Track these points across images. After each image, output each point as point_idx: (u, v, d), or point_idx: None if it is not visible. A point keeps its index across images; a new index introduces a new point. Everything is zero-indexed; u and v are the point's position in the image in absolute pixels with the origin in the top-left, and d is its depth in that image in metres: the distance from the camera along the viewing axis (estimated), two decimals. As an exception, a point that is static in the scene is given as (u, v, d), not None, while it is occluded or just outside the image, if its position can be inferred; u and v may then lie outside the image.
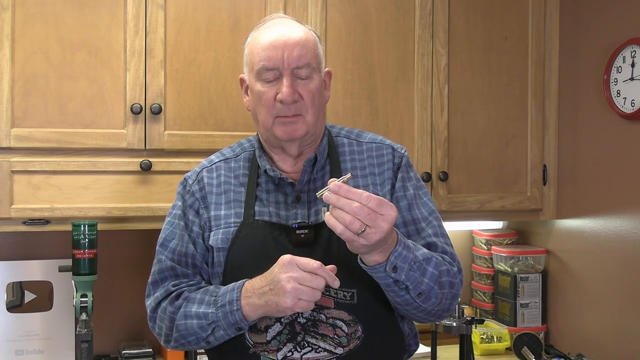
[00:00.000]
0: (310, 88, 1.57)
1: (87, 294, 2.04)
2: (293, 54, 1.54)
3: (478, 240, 2.94)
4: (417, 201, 1.63)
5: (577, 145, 2.60)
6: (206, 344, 1.54)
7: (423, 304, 1.48)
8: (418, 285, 1.45)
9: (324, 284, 1.39)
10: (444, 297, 1.52)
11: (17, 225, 2.11)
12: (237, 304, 1.46)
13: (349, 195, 1.31)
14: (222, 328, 1.49)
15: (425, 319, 1.57)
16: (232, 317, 1.47)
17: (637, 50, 2.32)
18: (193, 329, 1.52)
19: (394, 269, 1.40)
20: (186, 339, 1.54)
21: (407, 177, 1.65)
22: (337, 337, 1.52)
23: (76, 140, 2.14)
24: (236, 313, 1.46)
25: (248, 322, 1.48)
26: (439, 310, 1.54)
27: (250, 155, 1.68)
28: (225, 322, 1.48)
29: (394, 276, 1.41)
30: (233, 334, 1.50)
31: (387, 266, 1.39)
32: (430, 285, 1.47)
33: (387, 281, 1.43)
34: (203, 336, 1.52)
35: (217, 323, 1.49)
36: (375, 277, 1.44)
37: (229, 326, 1.48)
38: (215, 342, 1.53)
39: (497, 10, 2.59)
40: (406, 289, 1.44)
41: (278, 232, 1.56)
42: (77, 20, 2.14)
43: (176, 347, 1.59)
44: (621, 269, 2.40)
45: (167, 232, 1.65)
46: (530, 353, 2.53)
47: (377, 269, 1.41)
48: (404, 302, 1.48)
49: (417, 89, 2.48)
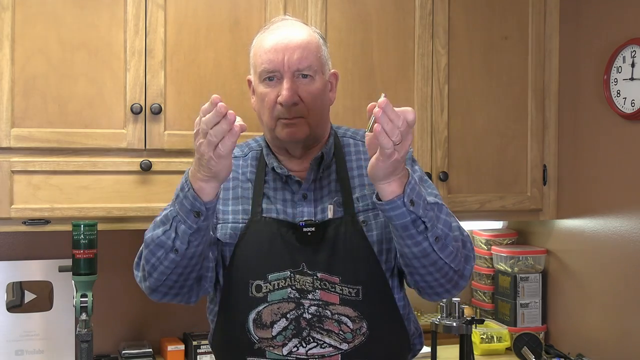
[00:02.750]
0: (311, 90, 1.58)
1: (87, 294, 2.04)
2: (294, 57, 1.56)
3: (478, 240, 2.94)
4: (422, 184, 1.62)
5: (577, 145, 2.60)
6: (175, 254, 1.46)
7: (440, 252, 1.46)
8: (434, 226, 1.44)
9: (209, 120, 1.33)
10: (459, 252, 1.50)
11: (17, 225, 2.11)
12: (187, 184, 1.41)
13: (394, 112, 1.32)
14: (182, 220, 1.43)
15: (441, 286, 1.53)
16: (187, 200, 1.41)
17: (637, 50, 2.33)
18: (158, 236, 1.47)
19: (412, 203, 1.39)
20: (155, 254, 1.48)
21: (412, 169, 1.66)
22: (342, 333, 1.53)
23: (76, 140, 2.14)
24: (189, 194, 1.41)
25: (203, 200, 1.41)
26: (454, 270, 1.50)
27: (258, 155, 1.69)
28: (183, 211, 1.42)
29: (413, 209, 1.39)
30: (194, 222, 1.42)
31: (405, 198, 1.38)
32: (445, 232, 1.46)
33: (405, 220, 1.40)
34: (169, 244, 1.45)
35: (177, 218, 1.43)
36: (394, 217, 1.40)
37: (187, 214, 1.42)
38: (183, 247, 1.45)
39: (497, 10, 2.59)
40: (425, 230, 1.42)
41: (285, 230, 1.57)
42: (77, 20, 2.14)
43: (152, 278, 1.52)
44: (621, 269, 2.40)
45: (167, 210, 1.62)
46: (530, 353, 2.53)
47: (395, 203, 1.39)
48: (421, 253, 1.45)
49: (417, 89, 2.48)
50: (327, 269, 1.54)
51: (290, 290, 1.54)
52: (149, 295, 1.59)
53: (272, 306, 1.54)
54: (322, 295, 1.53)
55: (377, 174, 1.38)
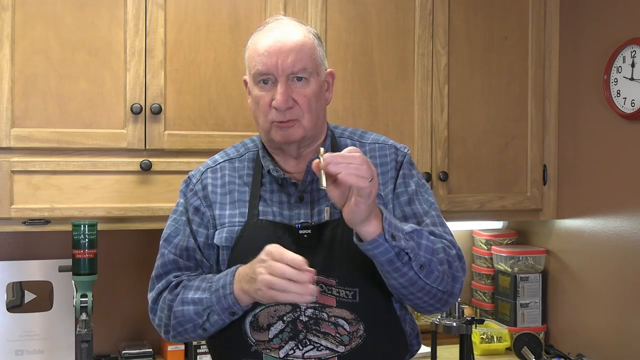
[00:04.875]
0: (306, 93, 1.57)
1: (87, 294, 2.04)
2: (287, 61, 1.55)
3: (478, 240, 2.94)
4: (418, 197, 1.64)
5: (577, 145, 2.60)
6: (203, 332, 1.55)
7: (426, 279, 1.47)
8: (417, 255, 1.45)
9: (285, 271, 1.38)
10: (445, 274, 1.51)
11: (17, 225, 2.11)
12: (230, 288, 1.48)
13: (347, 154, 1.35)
14: (216, 313, 1.50)
15: (430, 305, 1.55)
16: (225, 301, 1.49)
17: (637, 50, 2.32)
18: (189, 314, 1.53)
19: (393, 237, 1.41)
20: (183, 326, 1.55)
21: (409, 174, 1.66)
22: (339, 336, 1.53)
23: (76, 140, 2.14)
24: (229, 297, 1.48)
25: (241, 306, 1.49)
26: (442, 291, 1.52)
27: (254, 156, 1.69)
28: (219, 306, 1.50)
29: (395, 243, 1.41)
30: (227, 319, 1.51)
31: (385, 234, 1.40)
32: (428, 257, 1.47)
33: (389, 255, 1.42)
34: (199, 322, 1.53)
35: (211, 308, 1.50)
36: (377, 254, 1.42)
37: (223, 310, 1.50)
38: (212, 329, 1.54)
39: (497, 10, 2.59)
40: (409, 261, 1.44)
41: (282, 232, 1.57)
42: (77, 20, 2.14)
43: (175, 338, 1.60)
44: (621, 269, 2.40)
45: (170, 229, 1.67)
46: (530, 353, 2.53)
47: (377, 241, 1.40)
48: (408, 282, 1.47)
49: (417, 89, 2.48)
50: (323, 272, 1.54)
51: None
52: (164, 337, 1.64)
53: (268, 309, 1.54)
54: (319, 297, 1.53)
55: (357, 219, 1.39)
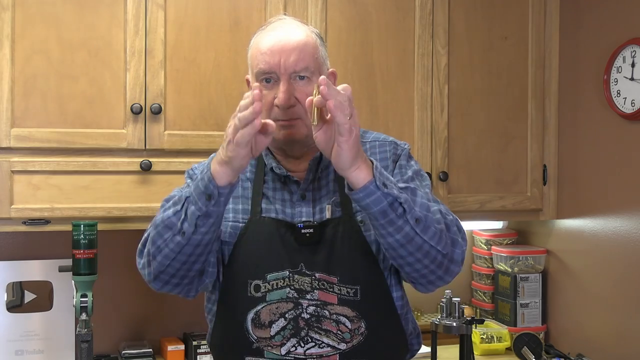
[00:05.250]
0: (308, 92, 1.57)
1: (87, 294, 2.04)
2: (290, 59, 1.55)
3: (478, 240, 2.94)
4: (414, 182, 1.61)
5: (577, 145, 2.60)
6: (182, 237, 1.45)
7: (424, 234, 1.44)
8: (412, 208, 1.42)
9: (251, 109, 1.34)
10: (443, 233, 1.48)
11: (17, 225, 2.11)
12: (208, 166, 1.43)
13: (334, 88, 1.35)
14: (193, 202, 1.43)
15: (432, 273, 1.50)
16: (202, 182, 1.42)
17: (637, 50, 2.33)
18: (168, 217, 1.47)
19: (385, 185, 1.39)
20: (162, 236, 1.47)
21: (406, 165, 1.65)
22: (340, 333, 1.54)
23: (76, 140, 2.14)
24: (205, 175, 1.42)
25: (217, 184, 1.41)
26: (442, 255, 1.48)
27: None
28: (196, 192, 1.42)
29: (388, 191, 1.39)
30: (204, 205, 1.42)
31: (376, 181, 1.38)
32: (424, 213, 1.44)
33: (382, 205, 1.39)
34: (177, 225, 1.45)
35: (189, 199, 1.44)
36: (370, 204, 1.40)
37: (200, 196, 1.42)
38: (190, 231, 1.44)
39: (497, 10, 2.59)
40: (403, 213, 1.41)
41: (284, 230, 1.58)
42: (77, 20, 2.14)
43: (156, 264, 1.51)
44: (621, 269, 2.40)
45: (175, 192, 1.62)
46: (530, 353, 2.53)
47: (369, 188, 1.38)
48: (405, 239, 1.43)
49: (417, 89, 2.48)
50: (325, 269, 1.54)
51: (289, 290, 1.54)
52: (149, 283, 1.57)
53: (270, 306, 1.54)
54: (321, 295, 1.53)
55: (344, 161, 1.38)
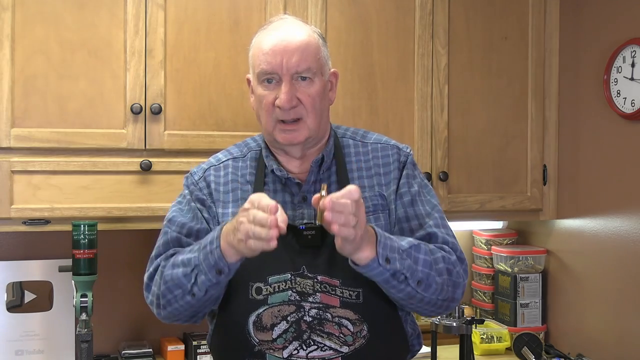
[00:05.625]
0: (310, 92, 1.58)
1: (87, 294, 2.04)
2: (292, 60, 1.55)
3: (478, 240, 2.94)
4: (421, 198, 1.64)
5: (577, 145, 2.60)
6: (192, 297, 1.50)
7: (425, 292, 1.49)
8: (414, 273, 1.46)
9: (270, 221, 1.35)
10: (445, 284, 1.52)
11: (17, 225, 2.11)
12: (217, 242, 1.44)
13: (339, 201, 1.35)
14: (203, 272, 1.46)
15: (431, 312, 1.58)
16: (212, 256, 1.44)
17: (637, 50, 2.33)
18: (178, 277, 1.49)
19: (387, 261, 1.42)
20: (172, 292, 1.51)
21: (412, 175, 1.67)
22: (342, 336, 1.53)
23: (76, 140, 2.14)
24: (215, 252, 1.44)
25: (228, 262, 1.44)
26: (443, 300, 1.54)
27: (257, 155, 1.69)
28: (206, 264, 1.45)
29: (390, 268, 1.43)
30: (214, 278, 1.46)
31: (379, 259, 1.41)
32: (426, 272, 1.48)
33: (385, 276, 1.44)
34: (187, 287, 1.48)
35: (199, 267, 1.46)
36: (373, 276, 1.45)
37: (210, 268, 1.45)
38: (200, 294, 1.48)
39: (497, 10, 2.59)
40: (405, 280, 1.45)
41: (285, 232, 1.56)
42: (77, 20, 2.14)
43: (166, 309, 1.55)
44: (621, 269, 2.40)
45: (175, 212, 1.65)
46: (530, 353, 2.53)
47: (372, 266, 1.42)
48: (407, 297, 1.49)
49: (417, 89, 2.48)
50: (327, 272, 1.54)
51: (291, 293, 1.54)
52: (159, 318, 1.61)
53: (272, 309, 1.54)
54: (323, 298, 1.53)
55: (346, 252, 1.41)
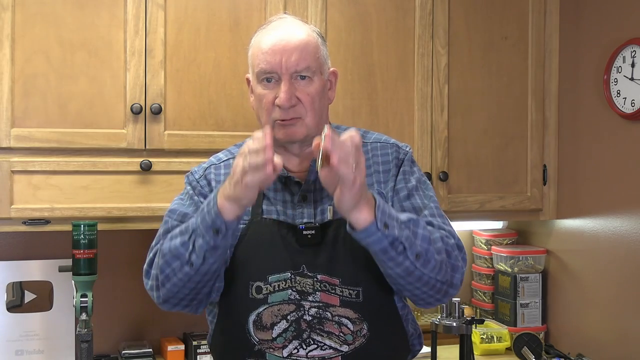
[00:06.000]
0: (309, 91, 1.58)
1: (87, 294, 2.04)
2: (291, 59, 1.55)
3: (478, 240, 2.94)
4: (418, 192, 1.63)
5: (577, 145, 2.60)
6: (190, 268, 1.46)
7: (423, 268, 1.46)
8: (413, 244, 1.43)
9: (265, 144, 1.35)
10: (444, 263, 1.50)
11: (17, 225, 2.11)
12: (214, 200, 1.43)
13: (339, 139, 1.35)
14: (200, 235, 1.43)
15: (430, 296, 1.53)
16: (209, 216, 1.42)
17: (637, 50, 2.33)
18: (176, 247, 1.47)
19: (385, 226, 1.39)
20: (170, 265, 1.48)
21: (410, 171, 1.66)
22: (342, 335, 1.53)
23: (76, 140, 2.14)
24: (212, 210, 1.42)
25: (224, 219, 1.42)
26: (441, 282, 1.50)
27: None
28: (203, 225, 1.43)
29: (388, 233, 1.40)
30: (212, 239, 1.43)
31: (377, 223, 1.39)
32: (425, 247, 1.45)
33: (383, 244, 1.41)
34: (185, 256, 1.46)
35: (196, 232, 1.44)
36: (371, 243, 1.41)
37: (207, 229, 1.42)
38: (198, 262, 1.45)
39: (497, 10, 2.59)
40: (403, 251, 1.42)
41: (285, 231, 1.57)
42: (77, 20, 2.14)
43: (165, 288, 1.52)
44: (621, 269, 2.40)
45: (176, 204, 1.64)
46: (530, 353, 2.53)
47: (370, 230, 1.39)
48: (405, 272, 1.45)
49: (417, 89, 2.48)
50: (327, 271, 1.54)
51: (291, 292, 1.54)
52: (158, 305, 1.59)
53: (272, 308, 1.54)
54: (323, 297, 1.53)
55: (345, 205, 1.38)
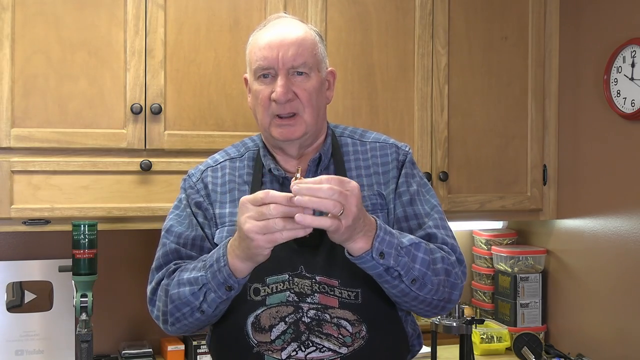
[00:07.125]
0: (306, 87, 1.57)
1: (87, 294, 2.04)
2: (288, 54, 1.55)
3: (478, 240, 2.94)
4: (420, 197, 1.63)
5: (577, 145, 2.60)
6: (201, 314, 1.49)
7: (419, 291, 1.47)
8: (410, 271, 1.44)
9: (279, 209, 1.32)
10: (441, 284, 1.51)
11: (17, 225, 2.11)
12: (224, 260, 1.43)
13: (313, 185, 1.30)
14: (212, 290, 1.45)
15: (427, 311, 1.56)
16: (221, 274, 1.43)
17: (637, 50, 2.32)
18: (185, 296, 1.49)
19: (381, 255, 1.40)
20: (180, 310, 1.50)
21: (411, 174, 1.66)
22: (341, 337, 1.53)
23: (76, 140, 2.14)
24: (223, 270, 1.43)
25: (237, 278, 1.43)
26: (438, 300, 1.52)
27: (254, 155, 1.69)
28: (214, 282, 1.45)
29: (383, 262, 1.40)
30: (224, 295, 1.45)
31: (373, 253, 1.39)
32: (423, 271, 1.46)
33: (378, 270, 1.42)
34: (196, 304, 1.48)
35: (207, 286, 1.46)
36: (365, 268, 1.42)
37: (219, 286, 1.44)
38: (210, 311, 1.48)
39: (497, 10, 2.59)
40: (399, 276, 1.44)
41: None
42: (77, 20, 2.14)
43: (174, 326, 1.54)
44: (621, 269, 2.40)
45: (173, 220, 1.65)
46: (530, 353, 2.53)
47: (364, 258, 1.40)
48: (400, 293, 1.47)
49: (417, 89, 2.48)
50: (325, 272, 1.53)
51: (289, 294, 1.53)
52: (163, 327, 1.60)
53: (270, 310, 1.53)
54: (321, 298, 1.53)
55: (337, 241, 1.38)
